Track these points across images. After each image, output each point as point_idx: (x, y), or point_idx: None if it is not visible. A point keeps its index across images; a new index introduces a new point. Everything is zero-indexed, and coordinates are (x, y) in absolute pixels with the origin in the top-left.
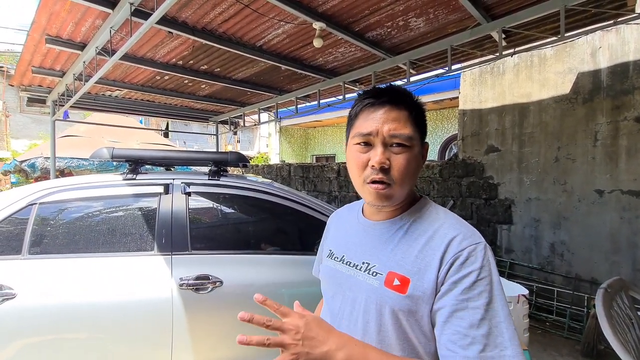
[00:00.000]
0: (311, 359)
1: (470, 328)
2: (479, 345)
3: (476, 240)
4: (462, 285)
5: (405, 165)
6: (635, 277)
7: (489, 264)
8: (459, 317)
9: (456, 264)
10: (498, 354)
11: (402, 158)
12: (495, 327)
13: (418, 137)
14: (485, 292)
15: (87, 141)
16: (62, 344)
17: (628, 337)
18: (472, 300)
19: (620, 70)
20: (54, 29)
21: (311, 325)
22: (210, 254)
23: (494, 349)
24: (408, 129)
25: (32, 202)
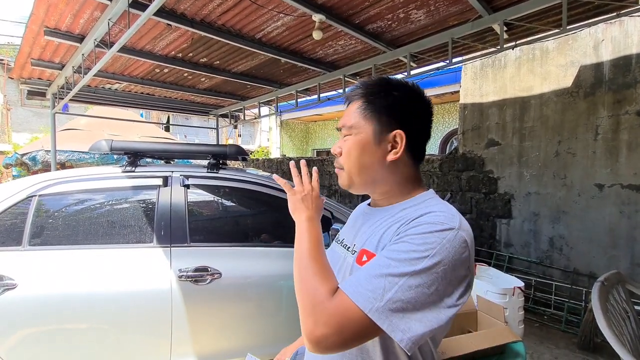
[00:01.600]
0: (296, 204)
1: (370, 267)
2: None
3: (444, 221)
4: (397, 240)
5: (347, 150)
6: (634, 271)
7: (441, 243)
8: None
9: (409, 225)
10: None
11: (346, 145)
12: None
13: (367, 124)
14: (407, 254)
15: (87, 134)
16: (62, 334)
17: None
18: (390, 251)
19: (622, 64)
20: (53, 20)
21: (314, 195)
22: (209, 246)
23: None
24: (352, 120)
25: (32, 194)
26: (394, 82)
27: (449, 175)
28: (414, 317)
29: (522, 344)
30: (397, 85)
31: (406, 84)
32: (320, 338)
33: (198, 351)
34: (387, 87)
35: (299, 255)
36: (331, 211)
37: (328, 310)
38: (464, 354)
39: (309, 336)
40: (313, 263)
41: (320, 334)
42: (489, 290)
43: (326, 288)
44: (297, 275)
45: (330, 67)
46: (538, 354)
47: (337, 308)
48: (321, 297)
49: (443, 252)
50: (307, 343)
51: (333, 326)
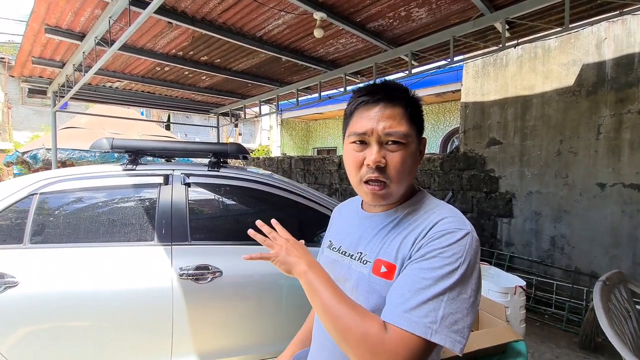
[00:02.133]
0: (286, 261)
1: (409, 290)
2: (411, 302)
3: (459, 227)
4: (425, 257)
5: (401, 163)
6: (635, 270)
7: (465, 250)
8: (405, 279)
9: (430, 239)
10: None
11: (398, 156)
12: (435, 301)
13: (414, 133)
14: (442, 270)
15: (88, 133)
16: (63, 331)
17: (625, 329)
18: (425, 270)
19: (625, 62)
20: (53, 18)
21: (293, 243)
22: (210, 245)
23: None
24: (403, 127)
25: (33, 192)
26: (408, 89)
27: (450, 174)
28: (463, 324)
29: (523, 343)
30: (413, 92)
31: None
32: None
33: (199, 349)
34: (412, 94)
35: (323, 306)
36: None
37: (390, 349)
38: (466, 353)
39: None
40: (344, 306)
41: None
42: (490, 289)
43: (375, 327)
44: (334, 325)
45: (331, 65)
46: (539, 353)
47: (397, 345)
48: (375, 337)
49: (468, 257)
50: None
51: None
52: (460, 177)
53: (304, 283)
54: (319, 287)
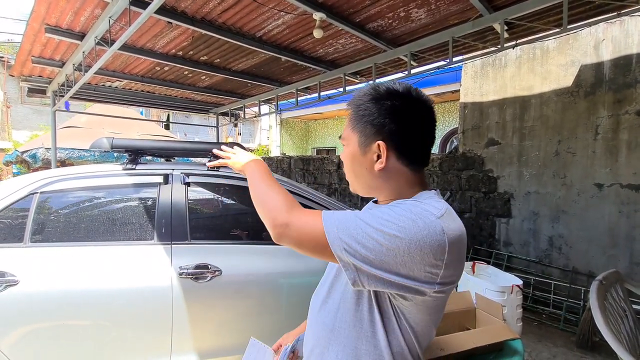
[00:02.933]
0: (238, 160)
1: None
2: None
3: (430, 211)
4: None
5: (343, 160)
6: (632, 270)
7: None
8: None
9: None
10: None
11: (342, 155)
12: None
13: (353, 135)
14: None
15: (87, 132)
16: (63, 330)
17: (621, 328)
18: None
19: (623, 63)
20: (53, 18)
21: (241, 151)
22: (209, 244)
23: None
24: (345, 131)
25: (33, 191)
26: (382, 91)
27: (449, 174)
28: (361, 260)
29: (520, 342)
30: (384, 94)
31: (397, 91)
32: (283, 224)
33: (198, 348)
34: (374, 97)
35: (260, 180)
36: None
37: (301, 211)
38: (463, 350)
39: (275, 220)
40: (277, 185)
41: (286, 221)
42: (487, 288)
43: (295, 204)
44: (263, 191)
45: (330, 65)
46: (536, 352)
47: (308, 214)
48: (296, 202)
49: (414, 229)
50: (270, 226)
51: (298, 223)
52: (459, 177)
53: (248, 174)
54: (257, 174)
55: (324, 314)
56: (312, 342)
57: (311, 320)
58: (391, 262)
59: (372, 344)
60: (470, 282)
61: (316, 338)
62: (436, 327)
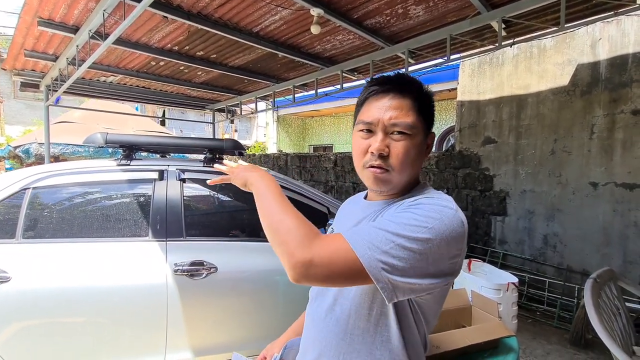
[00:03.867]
0: (242, 175)
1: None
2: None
3: (443, 203)
4: (397, 209)
5: (403, 152)
6: (626, 268)
7: (441, 217)
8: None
9: (407, 203)
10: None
11: (401, 146)
12: (388, 234)
13: (421, 126)
14: (412, 222)
15: (81, 127)
16: (56, 327)
17: (614, 326)
18: (392, 217)
19: (619, 63)
20: (46, 11)
21: (250, 164)
22: (205, 241)
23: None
24: (410, 118)
25: (26, 186)
26: (421, 82)
27: (446, 172)
28: (399, 274)
29: (515, 339)
30: (424, 87)
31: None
32: (305, 262)
33: (193, 345)
34: (424, 87)
35: (271, 202)
36: (327, 206)
37: (322, 241)
38: (458, 347)
39: (293, 258)
40: (291, 208)
41: (308, 258)
42: (483, 285)
43: (313, 229)
44: (276, 218)
45: (328, 62)
46: (531, 349)
47: (331, 242)
48: (314, 231)
49: (442, 227)
50: (290, 266)
51: (323, 256)
52: (455, 176)
53: (255, 191)
54: (267, 193)
55: (332, 322)
56: (318, 350)
57: (315, 329)
58: (424, 266)
59: (387, 348)
60: (466, 279)
61: (323, 346)
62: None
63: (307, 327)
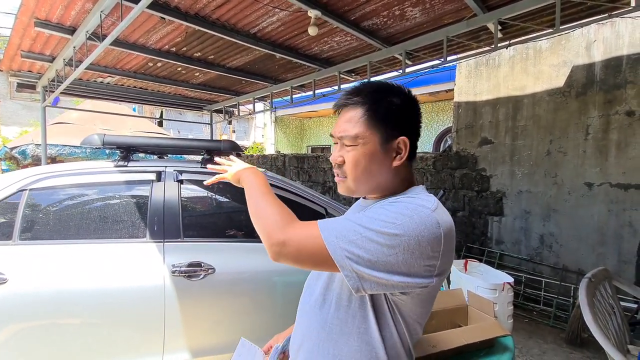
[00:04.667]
0: (235, 171)
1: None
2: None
3: (423, 205)
4: (372, 207)
5: (352, 161)
6: (620, 268)
7: (412, 218)
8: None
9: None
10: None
11: (351, 156)
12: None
13: (372, 133)
14: (381, 216)
15: (78, 128)
16: (53, 329)
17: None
18: (364, 213)
19: (613, 64)
20: (43, 12)
21: (238, 162)
22: (202, 242)
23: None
24: (356, 129)
25: (23, 187)
26: (390, 87)
27: (443, 172)
28: (364, 265)
29: (511, 338)
30: (395, 91)
31: (401, 89)
32: (279, 242)
33: (191, 346)
34: (387, 94)
35: (257, 194)
36: (325, 207)
37: (297, 226)
38: (454, 347)
39: (270, 239)
40: (274, 198)
41: (282, 239)
42: (479, 285)
43: (292, 217)
44: (260, 207)
45: (325, 63)
46: (527, 348)
47: (304, 228)
48: (292, 217)
49: (411, 225)
50: (267, 246)
51: (295, 239)
52: (452, 176)
53: (246, 186)
54: (255, 186)
55: (315, 312)
56: (301, 338)
57: (301, 318)
58: (392, 261)
59: (364, 340)
60: (462, 279)
61: (305, 335)
62: (426, 318)
63: (297, 317)
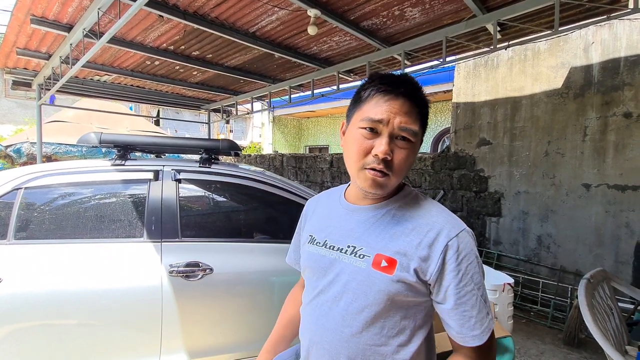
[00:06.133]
0: None
1: (472, 309)
2: (479, 322)
3: (461, 227)
4: (461, 274)
5: (405, 159)
6: (618, 268)
7: (473, 245)
8: (463, 303)
9: (450, 253)
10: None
11: (405, 152)
12: (483, 298)
13: (421, 133)
14: (477, 274)
15: (75, 127)
16: (49, 330)
17: (608, 325)
18: (469, 285)
19: (611, 66)
20: (40, 9)
21: None
22: (200, 242)
23: (486, 318)
24: (416, 125)
25: (18, 186)
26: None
27: (441, 173)
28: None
29: (511, 339)
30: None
31: None
32: None
33: (188, 347)
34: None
35: None
36: None
37: None
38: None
39: None
40: None
41: None
42: None
43: None
44: None
45: (324, 63)
46: (525, 349)
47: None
48: None
49: (475, 249)
50: None
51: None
52: (450, 177)
53: None
54: None
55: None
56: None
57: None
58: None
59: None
60: None
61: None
62: None
63: (308, 321)
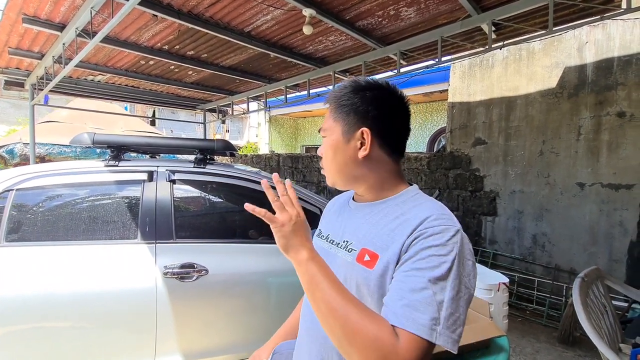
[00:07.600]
0: (290, 238)
1: (408, 291)
2: (407, 302)
3: (449, 224)
4: (418, 256)
5: (324, 151)
6: (612, 267)
7: (457, 248)
8: (402, 281)
9: (420, 238)
10: (418, 316)
11: (322, 147)
12: (435, 302)
13: (334, 125)
14: (439, 269)
15: (68, 127)
16: (42, 333)
17: (602, 323)
18: (421, 270)
19: (605, 66)
20: (31, 7)
21: (302, 222)
22: (195, 243)
23: (418, 312)
24: (326, 122)
25: (9, 187)
26: (363, 82)
27: (437, 172)
28: (460, 322)
29: (506, 339)
30: (365, 85)
31: (376, 83)
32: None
33: (183, 349)
34: (355, 88)
35: (327, 302)
36: (320, 207)
37: (403, 356)
38: None
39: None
40: (352, 306)
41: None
42: None
43: (386, 332)
44: (339, 324)
45: (320, 62)
46: (520, 347)
47: (409, 350)
48: (387, 343)
49: (459, 255)
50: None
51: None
52: (446, 176)
53: (303, 272)
54: (323, 281)
55: None
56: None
57: (312, 333)
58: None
59: None
60: None
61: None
62: None
63: (301, 323)
